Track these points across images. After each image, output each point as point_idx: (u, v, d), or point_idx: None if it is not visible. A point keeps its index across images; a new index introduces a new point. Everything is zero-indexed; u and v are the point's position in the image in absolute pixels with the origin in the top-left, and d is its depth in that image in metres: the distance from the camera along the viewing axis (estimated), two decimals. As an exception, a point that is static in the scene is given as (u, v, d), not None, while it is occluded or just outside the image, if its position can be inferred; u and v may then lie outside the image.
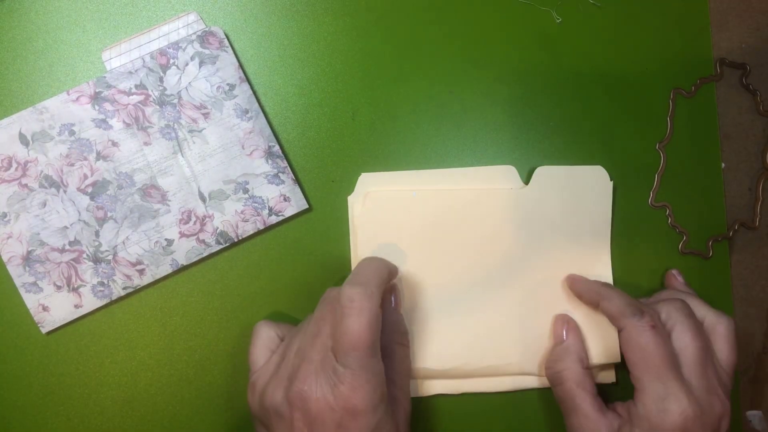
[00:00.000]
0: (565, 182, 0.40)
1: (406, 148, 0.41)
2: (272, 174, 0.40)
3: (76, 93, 0.39)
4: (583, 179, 0.40)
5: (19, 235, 0.39)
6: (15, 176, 0.39)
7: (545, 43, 0.42)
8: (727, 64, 0.42)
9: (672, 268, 0.41)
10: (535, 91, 0.42)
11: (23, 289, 0.39)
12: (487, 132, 0.41)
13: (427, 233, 0.39)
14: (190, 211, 0.40)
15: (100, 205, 0.39)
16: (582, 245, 0.40)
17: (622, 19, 0.42)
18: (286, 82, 0.41)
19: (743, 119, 0.42)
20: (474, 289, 0.39)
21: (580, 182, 0.40)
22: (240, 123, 0.40)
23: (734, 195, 0.42)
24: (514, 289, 0.40)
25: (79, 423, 0.40)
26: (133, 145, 0.39)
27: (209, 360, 0.40)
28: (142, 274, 0.39)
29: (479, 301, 0.39)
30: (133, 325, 0.40)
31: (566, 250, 0.40)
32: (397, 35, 0.41)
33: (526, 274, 0.40)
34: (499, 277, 0.39)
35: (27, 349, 0.40)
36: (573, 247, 0.40)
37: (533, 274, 0.40)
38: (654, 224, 0.42)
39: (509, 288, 0.39)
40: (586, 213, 0.40)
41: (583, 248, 0.40)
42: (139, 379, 0.40)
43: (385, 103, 0.41)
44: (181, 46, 0.39)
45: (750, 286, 0.42)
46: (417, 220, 0.39)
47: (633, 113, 0.42)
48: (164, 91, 0.39)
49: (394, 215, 0.39)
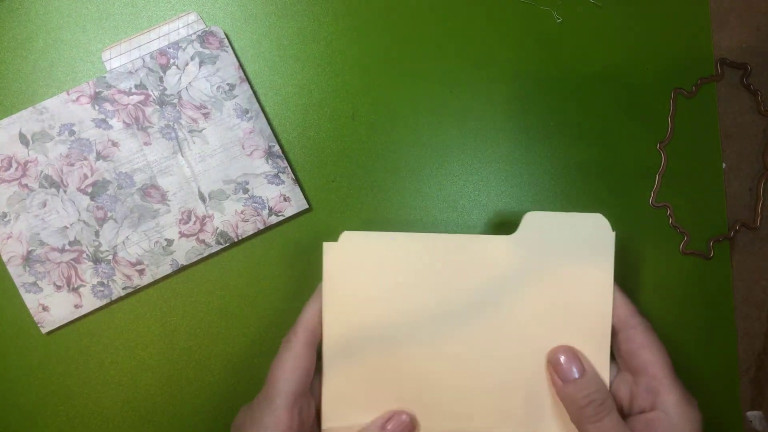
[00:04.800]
0: (559, 231, 0.34)
1: (406, 148, 0.41)
2: (272, 174, 0.40)
3: (76, 93, 0.39)
4: (580, 228, 0.34)
5: (19, 235, 0.39)
6: (15, 176, 0.39)
7: (545, 43, 0.42)
8: (728, 64, 0.42)
9: None
10: (535, 91, 0.42)
11: (23, 289, 0.39)
12: (487, 132, 0.41)
13: (405, 281, 0.35)
14: (190, 211, 0.40)
15: (100, 205, 0.39)
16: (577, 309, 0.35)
17: (623, 19, 0.42)
18: (286, 82, 0.41)
19: (744, 119, 0.42)
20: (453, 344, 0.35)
21: (577, 232, 0.34)
22: (240, 123, 0.40)
23: (735, 195, 0.42)
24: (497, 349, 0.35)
25: (79, 423, 0.40)
26: (133, 145, 0.39)
27: (209, 360, 0.40)
28: (142, 274, 0.39)
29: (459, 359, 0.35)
30: (133, 325, 0.40)
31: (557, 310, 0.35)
32: (397, 35, 0.41)
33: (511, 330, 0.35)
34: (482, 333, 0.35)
35: (27, 349, 0.40)
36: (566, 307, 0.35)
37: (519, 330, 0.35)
38: (655, 224, 0.42)
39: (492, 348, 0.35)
40: (583, 270, 0.34)
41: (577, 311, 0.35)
42: (139, 379, 0.40)
43: (385, 103, 0.41)
44: (181, 46, 0.39)
45: (751, 287, 0.42)
46: (395, 267, 0.35)
47: (633, 113, 0.42)
48: (164, 91, 0.39)
49: (371, 259, 0.35)
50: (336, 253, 0.34)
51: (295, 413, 0.32)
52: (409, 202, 0.41)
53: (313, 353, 0.34)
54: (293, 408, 0.32)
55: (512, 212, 0.41)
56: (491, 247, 0.35)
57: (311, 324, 0.34)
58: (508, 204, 0.41)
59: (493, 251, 0.35)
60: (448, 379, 0.35)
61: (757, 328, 0.42)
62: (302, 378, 0.33)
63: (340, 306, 0.35)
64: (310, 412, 0.34)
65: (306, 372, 0.33)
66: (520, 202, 0.41)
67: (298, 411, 0.32)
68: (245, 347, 0.40)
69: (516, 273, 0.35)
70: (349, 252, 0.35)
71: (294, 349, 0.33)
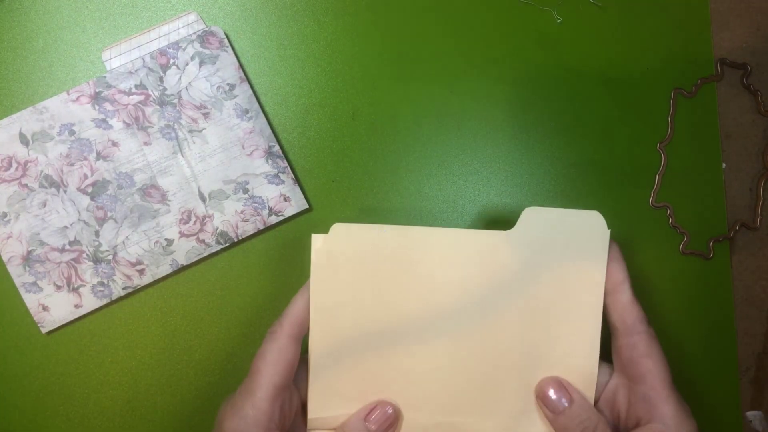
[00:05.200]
0: (555, 227, 0.34)
1: (406, 148, 0.41)
2: (272, 174, 0.40)
3: (76, 93, 0.39)
4: (576, 225, 0.34)
5: (19, 235, 0.39)
6: (15, 176, 0.39)
7: (545, 43, 0.42)
8: (728, 64, 0.42)
9: None
10: (535, 91, 0.42)
11: (23, 288, 0.39)
12: (487, 132, 0.41)
13: (395, 274, 0.34)
14: (190, 211, 0.40)
15: (100, 205, 0.39)
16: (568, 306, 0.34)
17: (623, 19, 0.42)
18: (286, 82, 0.41)
19: (744, 119, 0.42)
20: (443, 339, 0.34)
21: (573, 229, 0.34)
22: (240, 123, 0.40)
23: (735, 195, 0.42)
24: (486, 344, 0.34)
25: (79, 423, 0.40)
26: (133, 145, 0.39)
27: (209, 360, 0.40)
28: (142, 274, 0.39)
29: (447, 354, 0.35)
30: (133, 325, 0.40)
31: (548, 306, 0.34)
32: (397, 35, 0.41)
33: (501, 326, 0.34)
34: (471, 327, 0.34)
35: (27, 349, 0.40)
36: (557, 304, 0.34)
37: (508, 326, 0.35)
38: (655, 224, 0.42)
39: (481, 343, 0.35)
40: (576, 268, 0.34)
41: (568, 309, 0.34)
42: (139, 379, 0.40)
43: (385, 103, 0.41)
44: (181, 46, 0.39)
45: (751, 287, 0.42)
46: (385, 260, 0.34)
47: (633, 113, 0.42)
48: (164, 91, 0.39)
49: (360, 252, 0.34)
50: (324, 244, 0.34)
51: (276, 406, 0.32)
52: (409, 202, 0.41)
53: (297, 346, 0.33)
54: (275, 401, 0.32)
55: (512, 212, 0.41)
56: (486, 242, 0.34)
57: (298, 317, 0.34)
58: (508, 204, 0.41)
59: (488, 246, 0.34)
60: (435, 373, 0.35)
61: (757, 328, 0.42)
62: (285, 370, 0.32)
63: (327, 299, 0.34)
64: (292, 405, 0.34)
65: (289, 364, 0.33)
66: (520, 202, 0.41)
67: (280, 404, 0.32)
68: (245, 347, 0.40)
69: (509, 269, 0.34)
70: (338, 244, 0.34)
71: (278, 341, 0.33)
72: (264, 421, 0.31)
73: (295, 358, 0.33)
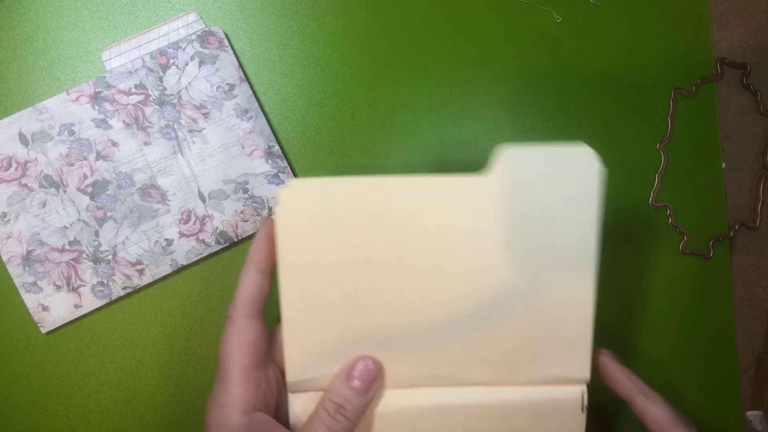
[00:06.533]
0: (537, 168, 0.31)
1: (406, 148, 0.41)
2: (272, 174, 0.40)
3: (76, 93, 0.39)
4: (562, 164, 0.31)
5: (19, 235, 0.39)
6: (15, 176, 0.39)
7: (546, 42, 0.42)
8: (728, 63, 0.42)
9: None
10: (535, 90, 0.42)
11: (23, 288, 0.39)
12: (487, 132, 0.41)
13: (365, 227, 0.32)
14: (189, 211, 0.40)
15: (99, 205, 0.39)
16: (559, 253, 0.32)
17: (623, 19, 0.42)
18: (286, 82, 0.41)
19: (744, 119, 0.42)
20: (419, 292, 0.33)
21: (558, 168, 0.31)
22: (240, 123, 0.40)
23: (735, 195, 0.42)
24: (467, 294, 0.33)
25: (79, 423, 0.40)
26: (133, 145, 0.39)
27: (209, 360, 0.40)
28: (142, 274, 0.39)
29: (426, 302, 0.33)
30: (133, 325, 0.40)
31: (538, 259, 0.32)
32: (397, 35, 0.41)
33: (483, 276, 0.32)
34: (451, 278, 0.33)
35: (27, 349, 0.40)
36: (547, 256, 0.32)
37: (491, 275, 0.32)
38: (654, 224, 0.42)
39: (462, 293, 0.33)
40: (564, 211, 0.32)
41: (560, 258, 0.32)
42: (139, 379, 0.40)
43: (385, 103, 0.41)
44: (181, 46, 0.39)
45: (750, 286, 0.42)
46: (354, 212, 0.32)
47: (633, 113, 0.42)
48: (164, 91, 0.39)
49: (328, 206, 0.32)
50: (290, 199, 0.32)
51: (250, 387, 0.32)
52: (409, 202, 0.41)
53: (257, 323, 0.33)
54: (247, 383, 0.32)
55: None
56: (461, 189, 0.32)
57: (248, 294, 0.33)
58: (508, 204, 0.41)
59: (464, 193, 0.32)
60: (415, 325, 0.33)
61: (757, 328, 0.42)
62: (250, 350, 0.32)
63: (296, 258, 0.32)
64: (270, 381, 0.33)
65: (253, 344, 0.32)
66: (520, 202, 0.41)
67: (254, 384, 0.32)
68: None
69: (489, 214, 0.32)
70: (305, 199, 0.32)
71: (236, 323, 0.32)
72: (239, 404, 0.31)
73: (258, 335, 0.33)
